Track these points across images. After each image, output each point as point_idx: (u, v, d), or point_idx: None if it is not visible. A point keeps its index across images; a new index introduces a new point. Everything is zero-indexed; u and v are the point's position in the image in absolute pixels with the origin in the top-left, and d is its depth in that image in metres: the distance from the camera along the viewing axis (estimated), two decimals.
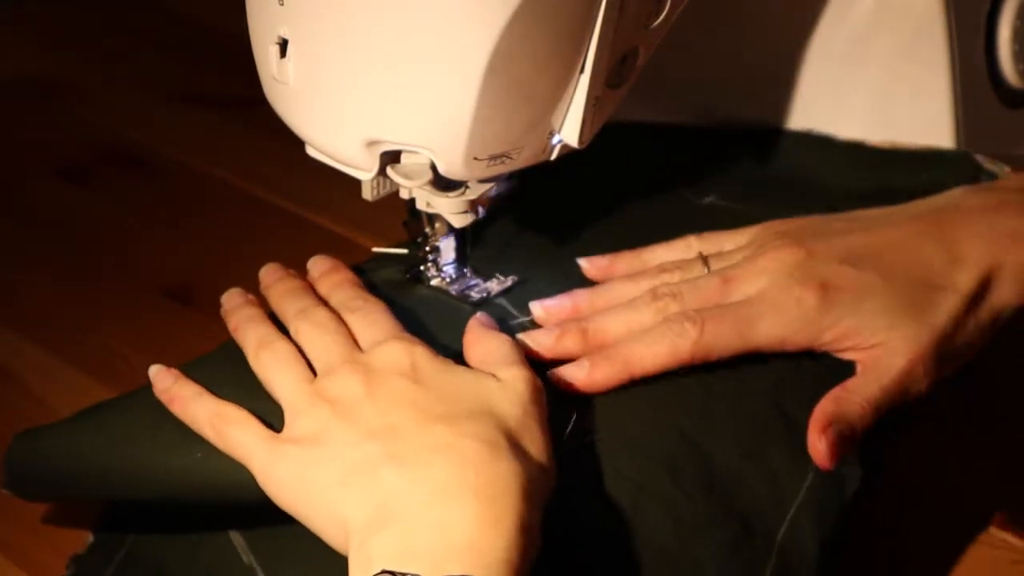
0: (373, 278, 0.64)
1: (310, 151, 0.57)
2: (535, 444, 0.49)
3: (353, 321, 0.55)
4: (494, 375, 0.51)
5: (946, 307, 0.54)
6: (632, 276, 0.60)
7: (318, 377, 0.52)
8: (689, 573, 0.50)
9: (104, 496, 0.58)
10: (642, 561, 0.50)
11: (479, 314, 0.57)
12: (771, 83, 0.75)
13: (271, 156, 0.89)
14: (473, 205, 0.58)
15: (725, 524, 0.51)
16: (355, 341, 0.54)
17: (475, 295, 0.62)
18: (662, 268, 0.59)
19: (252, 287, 0.60)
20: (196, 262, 0.83)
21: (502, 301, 0.61)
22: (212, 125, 1.01)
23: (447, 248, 0.62)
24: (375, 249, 0.66)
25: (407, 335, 0.53)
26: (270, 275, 0.60)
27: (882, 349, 0.54)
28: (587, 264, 0.62)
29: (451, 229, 0.61)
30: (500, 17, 0.48)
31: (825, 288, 0.54)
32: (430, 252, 0.63)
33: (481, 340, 0.54)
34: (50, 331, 0.76)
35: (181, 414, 0.54)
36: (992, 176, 0.68)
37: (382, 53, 0.50)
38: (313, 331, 0.54)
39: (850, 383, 0.54)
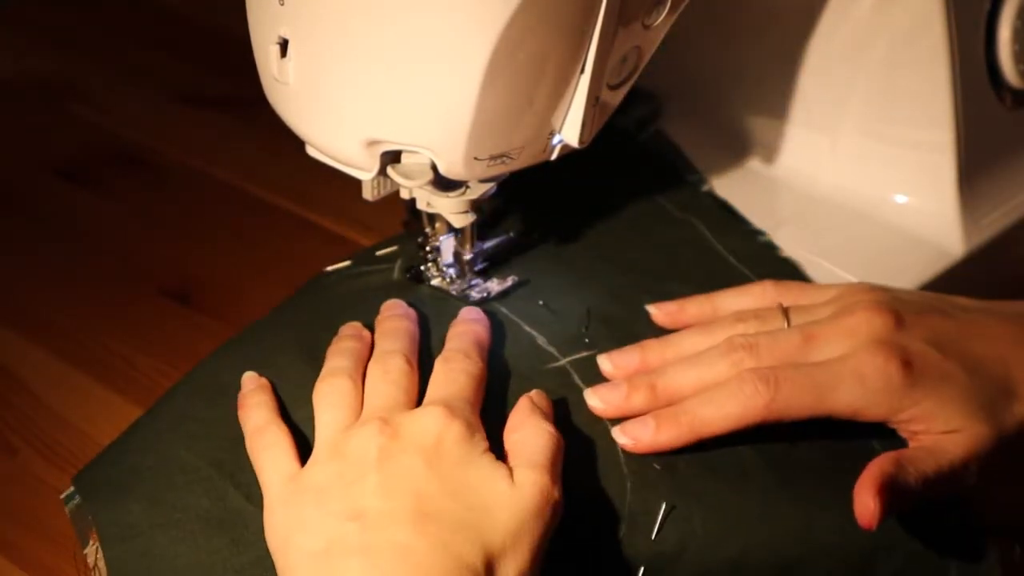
0: (374, 280, 0.64)
1: (310, 151, 0.57)
2: (516, 566, 0.46)
3: (438, 371, 0.53)
4: (512, 473, 0.48)
5: (1018, 415, 0.52)
6: (706, 327, 0.56)
7: (354, 425, 0.50)
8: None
9: None
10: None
11: (533, 392, 0.54)
12: (771, 83, 0.75)
13: (271, 156, 0.89)
14: (473, 205, 0.58)
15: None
16: (417, 392, 0.53)
17: (475, 295, 0.62)
18: (738, 317, 0.56)
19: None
20: (196, 262, 0.83)
21: (532, 332, 0.59)
22: (212, 125, 1.01)
23: (447, 248, 0.62)
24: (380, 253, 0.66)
25: (460, 405, 0.51)
26: (388, 309, 0.59)
27: (946, 437, 0.51)
28: (656, 311, 0.59)
29: (451, 229, 0.61)
30: (500, 17, 0.48)
31: (909, 365, 0.51)
32: (430, 252, 0.63)
33: (523, 426, 0.51)
34: (50, 331, 0.76)
35: (242, 420, 0.54)
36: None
37: (382, 53, 0.50)
38: (379, 375, 0.53)
39: (907, 453, 0.51)
